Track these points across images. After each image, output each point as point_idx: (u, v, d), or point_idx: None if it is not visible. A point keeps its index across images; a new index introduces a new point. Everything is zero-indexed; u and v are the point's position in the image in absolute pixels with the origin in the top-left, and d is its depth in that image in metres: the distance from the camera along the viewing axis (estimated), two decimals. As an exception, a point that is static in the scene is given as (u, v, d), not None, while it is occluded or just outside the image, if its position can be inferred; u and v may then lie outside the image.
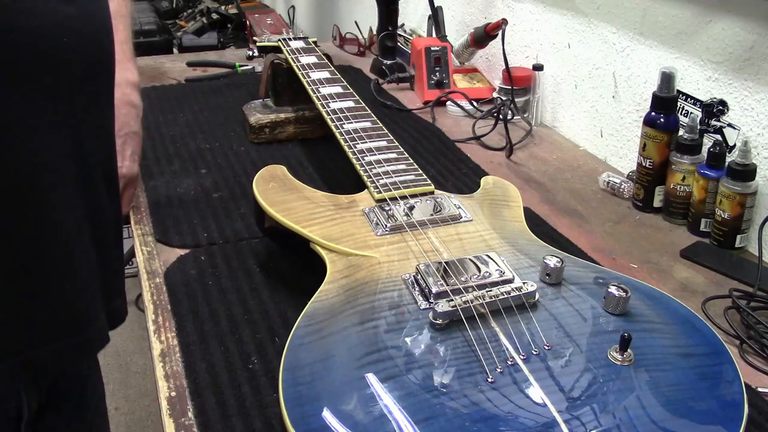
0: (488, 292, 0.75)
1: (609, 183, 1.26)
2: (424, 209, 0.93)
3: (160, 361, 0.81)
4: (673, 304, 0.80)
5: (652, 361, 0.70)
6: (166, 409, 0.75)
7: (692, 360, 0.71)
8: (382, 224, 0.90)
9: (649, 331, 0.74)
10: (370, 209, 0.94)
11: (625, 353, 0.69)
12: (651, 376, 0.68)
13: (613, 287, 0.76)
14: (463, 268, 0.80)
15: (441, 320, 0.72)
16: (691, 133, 1.13)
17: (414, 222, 0.90)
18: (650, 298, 0.80)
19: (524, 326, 0.73)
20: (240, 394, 0.76)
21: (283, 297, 0.92)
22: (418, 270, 0.80)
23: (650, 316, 0.77)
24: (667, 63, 1.20)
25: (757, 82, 1.06)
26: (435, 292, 0.76)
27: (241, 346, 0.83)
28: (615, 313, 0.76)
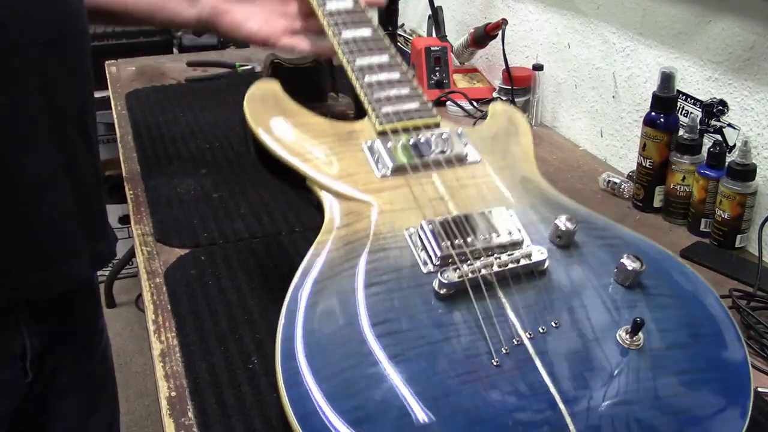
0: (496, 260, 0.70)
1: (609, 183, 1.26)
2: (429, 147, 0.85)
3: (160, 361, 0.81)
4: (689, 276, 0.76)
5: (660, 343, 0.67)
6: (166, 409, 0.75)
7: (701, 342, 0.68)
8: (384, 164, 0.83)
9: (661, 307, 0.71)
10: (371, 143, 0.86)
11: (634, 337, 0.66)
12: (658, 362, 0.65)
13: (626, 259, 0.71)
14: (469, 226, 0.75)
15: (446, 290, 0.68)
16: (691, 133, 1.13)
17: (417, 164, 0.83)
18: (665, 269, 0.75)
19: (532, 298, 0.69)
20: (240, 394, 0.76)
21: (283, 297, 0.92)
22: (422, 227, 0.74)
23: (662, 290, 0.73)
24: (667, 63, 1.20)
25: (757, 82, 1.06)
26: (440, 255, 0.71)
27: (241, 346, 0.83)
28: (626, 285, 0.71)
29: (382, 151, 0.84)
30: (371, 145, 0.86)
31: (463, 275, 0.68)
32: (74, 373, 1.02)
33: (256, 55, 1.96)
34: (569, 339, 0.66)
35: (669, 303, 0.72)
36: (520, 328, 0.66)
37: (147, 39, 2.76)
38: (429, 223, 0.74)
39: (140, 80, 1.79)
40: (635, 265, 0.70)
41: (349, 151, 0.85)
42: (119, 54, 2.04)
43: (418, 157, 0.84)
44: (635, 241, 0.79)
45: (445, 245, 0.72)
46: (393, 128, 0.86)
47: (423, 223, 0.74)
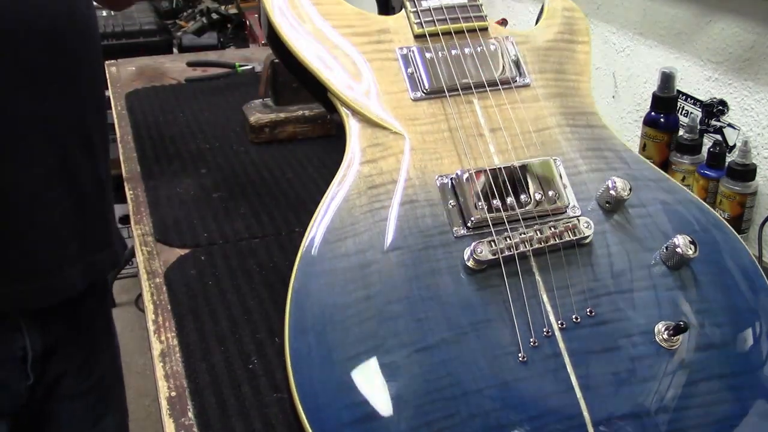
0: (537, 233, 0.63)
1: (609, 183, 1.26)
2: (474, 61, 0.73)
3: (160, 361, 0.81)
4: (748, 266, 0.68)
5: (703, 341, 0.61)
6: (166, 409, 0.75)
7: (747, 343, 0.62)
8: (420, 82, 0.72)
9: (709, 300, 0.64)
10: (407, 50, 0.73)
11: (674, 338, 0.60)
12: (695, 366, 0.60)
13: (680, 239, 0.63)
14: (510, 182, 0.66)
15: (477, 266, 0.61)
16: (691, 133, 1.13)
17: (457, 85, 0.71)
18: (722, 252, 0.68)
19: (568, 278, 0.62)
20: (240, 394, 0.76)
21: (283, 297, 0.92)
22: (457, 178, 0.66)
23: (716, 278, 0.65)
24: (667, 63, 1.20)
25: (757, 82, 1.06)
26: (474, 219, 0.64)
27: (241, 346, 0.83)
28: (674, 268, 0.64)
29: (419, 63, 0.72)
30: (407, 52, 0.73)
31: (497, 252, 0.61)
32: (81, 378, 1.01)
33: (256, 55, 1.96)
34: (602, 333, 0.60)
35: (719, 298, 0.64)
36: (553, 315, 0.60)
37: (147, 39, 2.76)
38: (466, 175, 0.65)
39: (140, 80, 1.79)
40: (688, 251, 0.63)
41: (381, 59, 0.72)
42: (119, 54, 2.04)
43: (460, 76, 0.72)
44: (695, 211, 0.70)
45: (481, 207, 0.64)
46: (433, 32, 0.73)
47: (459, 173, 0.66)
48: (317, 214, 0.64)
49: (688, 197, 0.72)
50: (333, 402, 0.56)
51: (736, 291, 0.66)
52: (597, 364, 0.59)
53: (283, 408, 0.76)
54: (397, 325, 0.58)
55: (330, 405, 0.56)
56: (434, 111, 0.71)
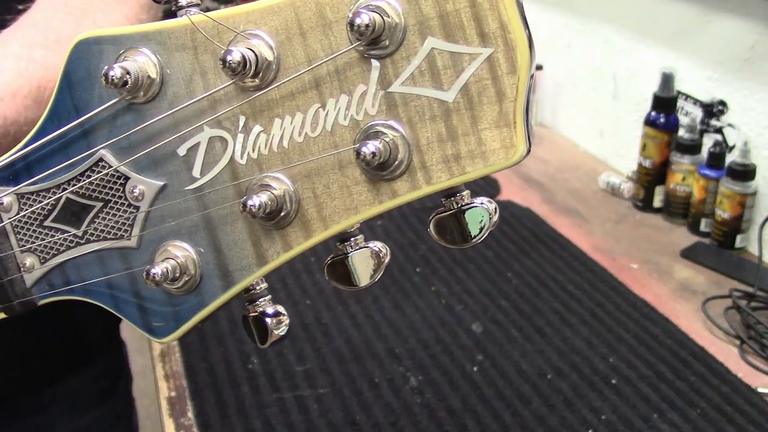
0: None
1: (609, 183, 1.26)
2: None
3: (160, 361, 0.81)
4: None
5: None
6: (166, 409, 0.75)
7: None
8: None
9: None
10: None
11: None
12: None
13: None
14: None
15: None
16: (691, 133, 1.13)
17: None
18: None
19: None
20: (239, 393, 0.76)
21: (283, 297, 0.92)
22: None
23: None
24: (667, 63, 1.20)
25: (757, 82, 1.05)
26: None
27: (241, 346, 0.83)
28: None
29: None
30: None
31: None
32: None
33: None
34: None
35: None
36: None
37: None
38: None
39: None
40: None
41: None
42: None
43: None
44: None
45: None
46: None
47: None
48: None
49: None
50: None
51: None
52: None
53: (282, 408, 0.76)
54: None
55: None
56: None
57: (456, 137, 0.32)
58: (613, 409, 0.79)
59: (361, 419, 0.77)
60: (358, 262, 0.36)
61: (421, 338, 0.90)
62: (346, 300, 0.96)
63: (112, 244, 0.39)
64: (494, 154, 0.32)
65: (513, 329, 0.91)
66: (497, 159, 0.32)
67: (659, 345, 0.88)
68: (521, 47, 0.31)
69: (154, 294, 0.39)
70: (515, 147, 0.31)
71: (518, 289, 0.99)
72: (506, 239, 1.11)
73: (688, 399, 0.80)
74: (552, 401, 0.80)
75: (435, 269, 1.03)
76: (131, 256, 0.39)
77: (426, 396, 0.81)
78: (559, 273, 1.02)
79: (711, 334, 0.91)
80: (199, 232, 0.37)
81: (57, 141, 0.38)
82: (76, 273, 0.40)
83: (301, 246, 0.35)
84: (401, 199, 0.33)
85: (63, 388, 0.83)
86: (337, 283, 0.36)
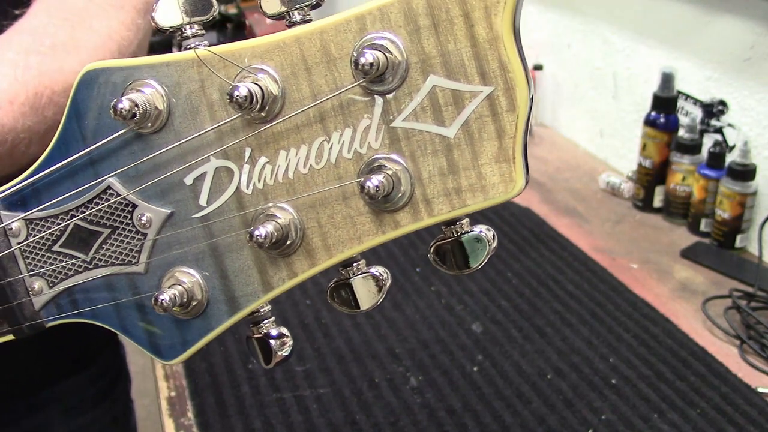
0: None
1: (609, 183, 1.26)
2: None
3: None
4: None
5: None
6: (166, 409, 0.75)
7: None
8: None
9: None
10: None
11: None
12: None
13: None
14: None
15: None
16: (691, 133, 1.13)
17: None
18: None
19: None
20: (239, 393, 0.76)
21: (282, 296, 0.92)
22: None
23: None
24: (667, 63, 1.20)
25: (757, 82, 1.05)
26: None
27: (241, 346, 0.83)
28: None
29: None
30: None
31: None
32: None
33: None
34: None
35: None
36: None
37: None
38: None
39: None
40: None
41: None
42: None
43: None
44: None
45: None
46: None
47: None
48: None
49: None
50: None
51: None
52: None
53: (282, 408, 0.76)
54: None
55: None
56: None
57: (457, 171, 0.33)
58: (613, 409, 0.79)
59: (361, 419, 0.77)
60: (360, 286, 0.37)
61: (421, 338, 0.90)
62: (346, 300, 0.96)
63: (120, 269, 0.40)
64: (494, 188, 0.33)
65: (513, 329, 0.91)
66: (497, 193, 0.33)
67: (659, 345, 0.88)
68: (520, 86, 0.32)
69: (162, 318, 0.40)
70: (514, 182, 0.33)
71: (518, 289, 0.99)
72: (506, 239, 1.11)
73: (688, 399, 0.80)
74: (552, 401, 0.80)
75: (435, 269, 1.03)
76: (139, 281, 0.39)
77: (426, 396, 0.81)
78: (559, 273, 1.02)
79: (711, 334, 0.91)
80: (206, 259, 0.38)
81: (65, 168, 0.39)
82: (84, 297, 0.41)
83: (305, 273, 0.36)
84: (404, 230, 0.34)
85: (60, 390, 0.83)
86: (339, 306, 0.37)
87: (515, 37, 0.31)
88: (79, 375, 0.85)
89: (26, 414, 0.82)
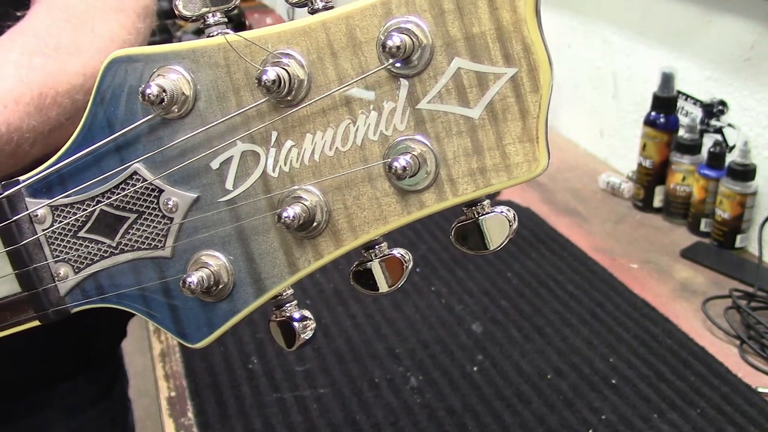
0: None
1: (609, 183, 1.26)
2: None
3: (160, 361, 0.81)
4: None
5: None
6: (166, 409, 0.75)
7: None
8: None
9: None
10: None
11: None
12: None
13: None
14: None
15: None
16: (691, 133, 1.13)
17: None
18: None
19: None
20: (239, 393, 0.76)
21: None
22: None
23: None
24: (667, 63, 1.20)
25: (757, 82, 1.05)
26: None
27: (241, 346, 0.83)
28: None
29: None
30: None
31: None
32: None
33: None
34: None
35: None
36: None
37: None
38: None
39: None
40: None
41: None
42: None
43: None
44: None
45: None
46: None
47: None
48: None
49: None
50: None
51: None
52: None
53: (282, 408, 0.76)
54: None
55: None
56: None
57: (481, 151, 0.34)
58: (613, 409, 0.79)
59: (361, 419, 0.77)
60: (383, 269, 0.37)
61: (421, 338, 0.90)
62: (346, 300, 0.96)
63: (147, 254, 0.40)
64: (518, 168, 0.33)
65: (513, 329, 0.91)
66: (521, 172, 0.33)
67: (659, 345, 0.88)
68: (543, 67, 0.32)
69: (188, 301, 0.40)
70: (538, 161, 0.33)
71: (518, 289, 0.99)
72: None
73: (688, 399, 0.80)
74: (552, 401, 0.80)
75: (435, 269, 1.04)
76: (165, 265, 0.40)
77: (426, 396, 0.81)
78: (559, 273, 1.02)
79: (711, 334, 0.91)
80: (232, 242, 0.38)
81: (90, 155, 0.39)
82: (110, 282, 0.41)
83: (331, 255, 0.37)
84: (429, 210, 0.35)
85: (58, 390, 0.83)
86: (361, 288, 0.38)
87: (538, 19, 0.32)
88: (79, 375, 0.86)
89: (25, 414, 0.82)
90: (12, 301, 0.43)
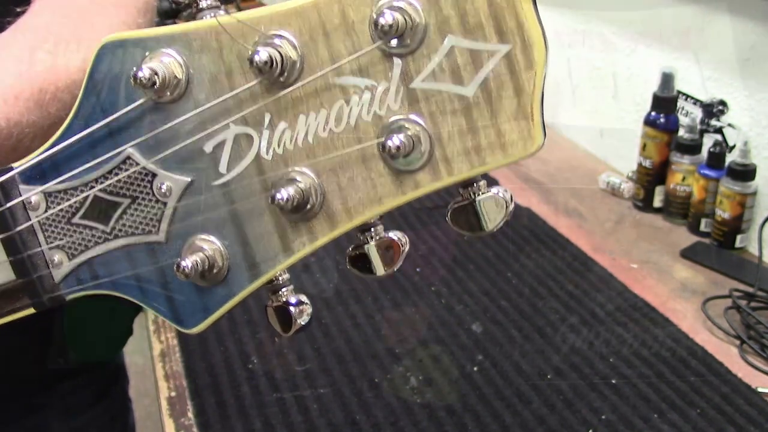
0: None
1: (609, 183, 1.26)
2: None
3: (160, 361, 0.81)
4: None
5: None
6: (166, 409, 0.75)
7: None
8: None
9: None
10: None
11: None
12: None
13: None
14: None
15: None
16: (691, 133, 1.13)
17: None
18: None
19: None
20: (239, 393, 0.76)
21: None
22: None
23: None
24: (667, 63, 1.20)
25: (757, 82, 1.05)
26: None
27: (241, 346, 0.83)
28: None
29: None
30: None
31: None
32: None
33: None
34: None
35: None
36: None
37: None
38: None
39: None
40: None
41: None
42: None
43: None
44: None
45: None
46: None
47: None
48: None
49: None
50: None
51: None
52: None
53: (282, 408, 0.76)
54: None
55: None
56: None
57: (476, 130, 0.33)
58: (613, 409, 0.79)
59: (361, 419, 0.77)
60: (378, 251, 0.37)
61: (421, 338, 0.90)
62: (346, 300, 0.96)
63: (141, 239, 0.40)
64: (513, 146, 0.33)
65: (513, 329, 0.91)
66: (516, 150, 0.33)
67: (659, 345, 0.88)
68: (538, 44, 0.32)
69: (183, 286, 0.39)
70: (533, 138, 0.33)
71: (518, 289, 0.99)
72: (506, 239, 1.11)
73: (688, 399, 0.80)
74: (552, 401, 0.80)
75: (435, 269, 1.03)
76: (159, 250, 0.39)
77: (426, 396, 0.81)
78: (559, 273, 1.02)
79: (711, 334, 0.91)
80: (226, 226, 0.38)
81: (84, 141, 0.39)
82: (105, 268, 0.41)
83: (326, 237, 0.36)
84: (424, 190, 0.34)
85: (57, 390, 0.83)
86: (357, 272, 0.37)
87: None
88: (78, 375, 0.85)
89: (25, 414, 0.82)
90: (6, 288, 0.42)
